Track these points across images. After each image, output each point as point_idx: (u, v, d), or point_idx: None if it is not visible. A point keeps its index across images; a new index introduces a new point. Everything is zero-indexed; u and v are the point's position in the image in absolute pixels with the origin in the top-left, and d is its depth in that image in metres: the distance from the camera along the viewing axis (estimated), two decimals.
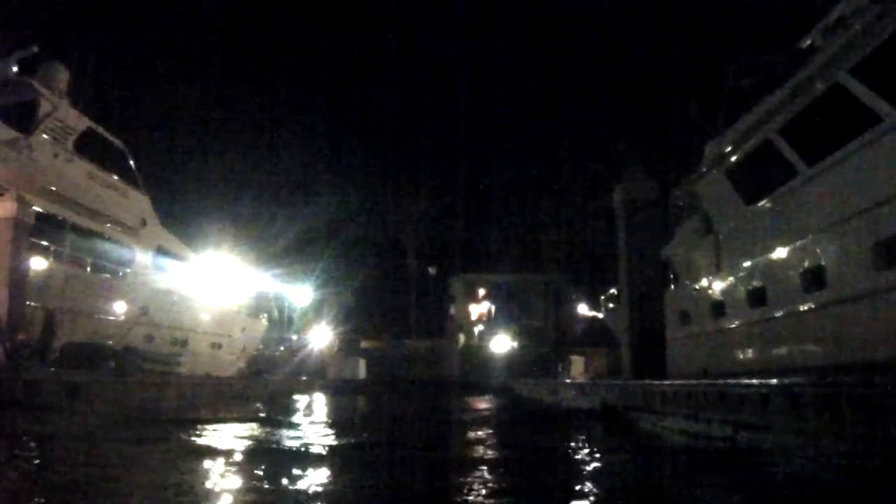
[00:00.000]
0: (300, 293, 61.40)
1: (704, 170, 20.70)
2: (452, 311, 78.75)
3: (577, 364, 43.74)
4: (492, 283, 77.83)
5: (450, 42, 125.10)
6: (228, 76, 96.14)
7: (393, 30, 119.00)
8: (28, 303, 21.66)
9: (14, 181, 22.74)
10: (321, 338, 59.05)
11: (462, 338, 74.27)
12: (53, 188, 24.66)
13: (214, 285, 34.59)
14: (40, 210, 23.56)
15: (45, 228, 23.83)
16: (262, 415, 23.31)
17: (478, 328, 75.41)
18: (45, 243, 24.02)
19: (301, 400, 32.41)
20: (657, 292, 23.79)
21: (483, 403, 32.89)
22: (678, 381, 16.34)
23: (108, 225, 27.83)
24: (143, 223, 30.06)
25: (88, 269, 26.47)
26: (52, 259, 24.37)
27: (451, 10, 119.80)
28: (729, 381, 13.02)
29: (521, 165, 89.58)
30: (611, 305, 39.00)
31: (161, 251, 31.28)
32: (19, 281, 21.56)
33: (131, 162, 29.64)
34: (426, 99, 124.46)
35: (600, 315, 47.94)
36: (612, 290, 37.97)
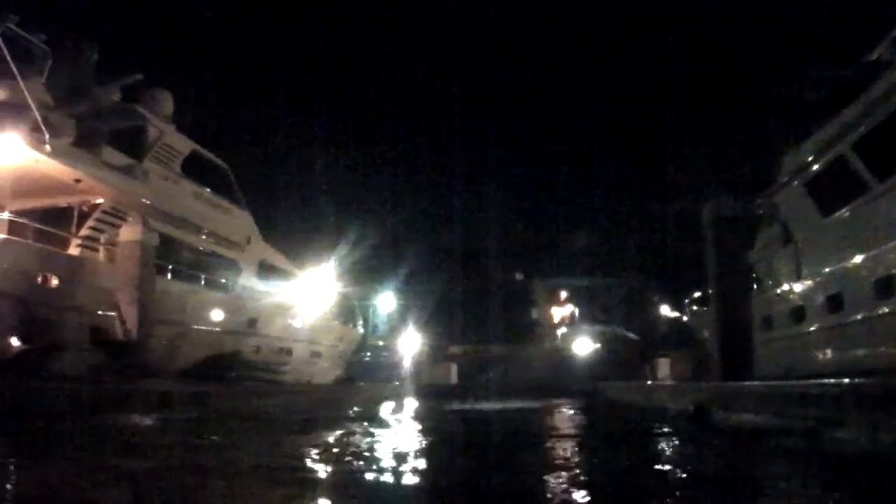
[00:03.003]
0: (384, 300, 62.67)
1: (785, 180, 21.77)
2: (535, 314, 79.55)
3: (664, 366, 43.88)
4: (573, 287, 78.46)
5: (530, 48, 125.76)
6: (313, 97, 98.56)
7: (475, 41, 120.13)
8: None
9: (134, 205, 24.29)
10: (410, 344, 59.93)
11: (545, 341, 74.98)
12: (166, 210, 25.78)
13: (313, 296, 35.87)
14: (162, 232, 25.09)
15: (163, 249, 25.13)
16: (357, 417, 24.32)
17: (560, 331, 76.04)
18: (164, 263, 25.37)
19: (394, 405, 33.49)
20: (745, 299, 24.70)
21: (579, 406, 33.42)
22: (765, 382, 17.52)
23: (217, 243, 29.10)
24: (248, 239, 31.27)
25: (203, 285, 27.85)
26: (171, 278, 25.76)
27: (529, 10, 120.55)
28: (809, 381, 14.27)
29: (600, 171, 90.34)
30: (694, 308, 39.76)
31: (264, 265, 32.52)
32: (147, 300, 23.17)
33: (233, 181, 31.01)
34: (509, 108, 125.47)
35: (683, 317, 48.52)
36: (696, 294, 38.74)
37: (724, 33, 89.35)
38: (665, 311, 60.64)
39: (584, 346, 68.49)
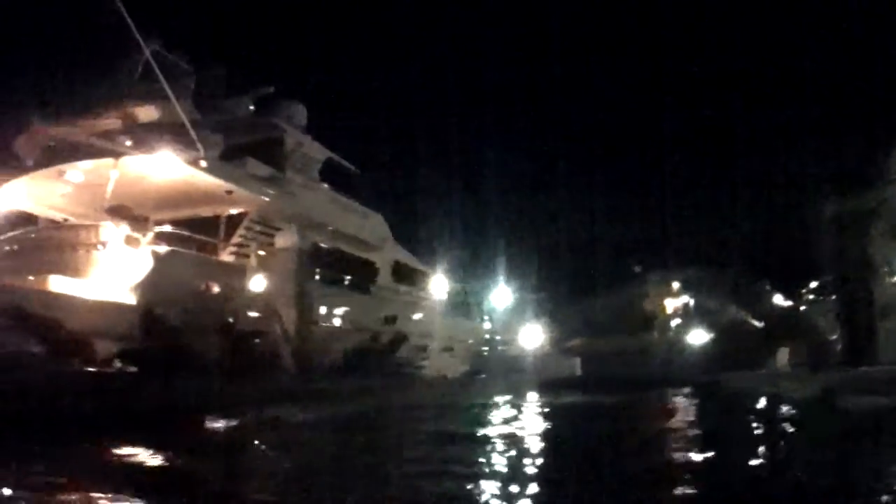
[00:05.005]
0: (502, 294, 63.22)
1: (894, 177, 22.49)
2: (650, 306, 79.27)
3: (783, 355, 44.08)
4: (686, 277, 78.01)
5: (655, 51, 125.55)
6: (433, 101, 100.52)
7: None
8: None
9: (278, 214, 25.78)
10: (530, 338, 60.91)
11: (660, 332, 74.76)
12: (309, 216, 27.38)
13: (442, 294, 36.98)
14: (314, 239, 26.72)
15: (312, 254, 26.69)
16: (504, 403, 25.22)
17: (674, 322, 75.83)
18: (312, 267, 26.93)
19: (520, 395, 34.30)
20: (866, 288, 25.36)
21: (705, 395, 33.74)
22: (886, 367, 18.50)
23: (356, 246, 30.57)
24: (383, 241, 32.82)
25: (346, 286, 29.59)
26: (319, 280, 27.42)
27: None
28: None
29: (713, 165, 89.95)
30: (811, 297, 40.22)
31: (398, 265, 34.07)
32: (304, 302, 24.91)
33: (365, 185, 32.42)
34: (624, 104, 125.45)
35: (800, 307, 48.69)
36: (812, 283, 39.22)
37: (838, 28, 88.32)
38: (778, 300, 60.13)
39: (698, 336, 68.28)
